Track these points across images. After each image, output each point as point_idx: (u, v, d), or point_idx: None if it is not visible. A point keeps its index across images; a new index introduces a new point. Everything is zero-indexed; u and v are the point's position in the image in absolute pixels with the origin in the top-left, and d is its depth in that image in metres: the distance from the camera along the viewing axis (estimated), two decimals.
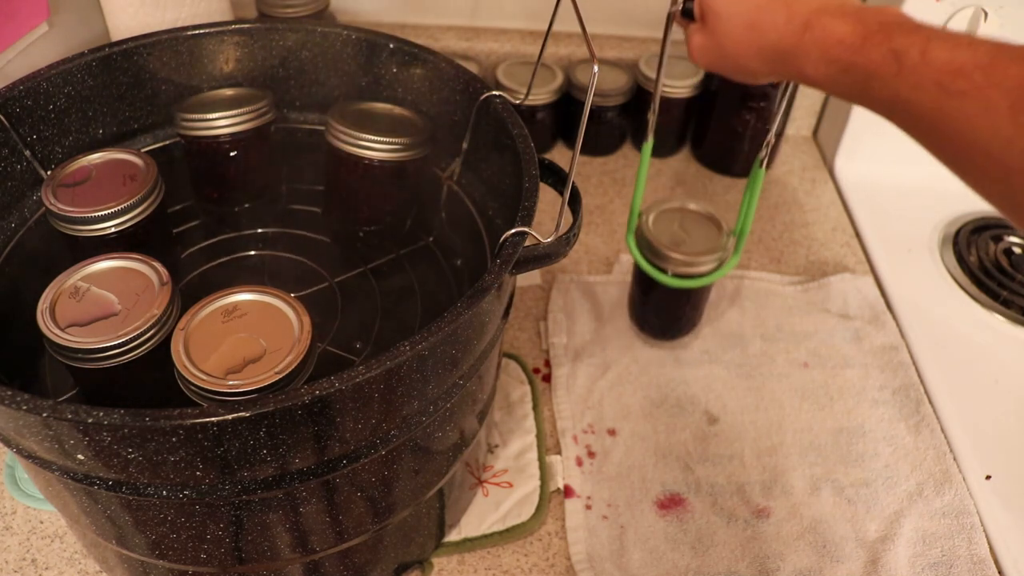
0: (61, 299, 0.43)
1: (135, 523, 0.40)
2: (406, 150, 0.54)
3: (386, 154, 0.54)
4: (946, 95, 0.33)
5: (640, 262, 0.61)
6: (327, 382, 0.34)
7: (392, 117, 0.57)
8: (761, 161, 0.57)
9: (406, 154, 0.54)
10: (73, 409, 0.32)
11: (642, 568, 0.54)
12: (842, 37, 0.38)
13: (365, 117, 0.56)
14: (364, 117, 0.56)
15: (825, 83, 0.40)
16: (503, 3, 0.93)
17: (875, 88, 0.37)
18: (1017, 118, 0.31)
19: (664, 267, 0.61)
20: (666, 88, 0.86)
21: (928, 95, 0.34)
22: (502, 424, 0.62)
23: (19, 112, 0.50)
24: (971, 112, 0.32)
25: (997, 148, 0.32)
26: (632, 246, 0.62)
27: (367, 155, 0.54)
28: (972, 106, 0.32)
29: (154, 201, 0.50)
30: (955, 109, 0.33)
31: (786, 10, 0.41)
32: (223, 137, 0.55)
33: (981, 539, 0.57)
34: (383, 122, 0.55)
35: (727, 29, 0.44)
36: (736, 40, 0.43)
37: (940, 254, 0.81)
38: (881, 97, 0.37)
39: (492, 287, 0.39)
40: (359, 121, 0.55)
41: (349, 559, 0.48)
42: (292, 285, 0.56)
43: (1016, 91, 0.31)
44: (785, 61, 0.42)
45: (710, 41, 0.45)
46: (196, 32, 0.57)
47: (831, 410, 0.65)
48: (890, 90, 0.36)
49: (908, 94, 0.35)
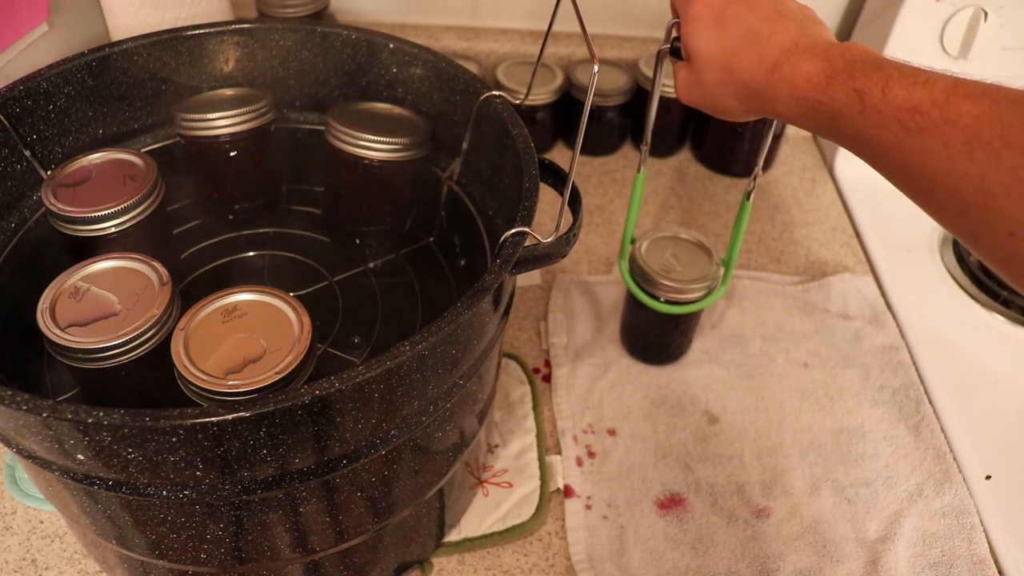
0: (61, 299, 0.43)
1: (135, 523, 0.41)
2: (406, 150, 0.54)
3: (386, 154, 0.54)
4: (906, 132, 0.34)
5: (632, 288, 0.62)
6: (327, 382, 0.34)
7: (392, 117, 0.57)
8: (748, 194, 0.58)
9: (406, 154, 0.54)
10: (73, 409, 0.32)
11: (642, 568, 0.54)
12: (809, 76, 0.39)
13: (365, 117, 0.56)
14: (364, 117, 0.56)
15: (797, 119, 0.41)
16: (503, 3, 0.93)
17: (841, 126, 0.38)
18: (973, 154, 0.32)
19: (656, 293, 0.62)
20: (666, 88, 0.86)
21: (890, 132, 0.35)
22: (502, 424, 0.62)
23: (19, 112, 0.50)
24: (930, 148, 0.33)
25: (955, 183, 0.33)
26: (624, 272, 0.63)
27: (367, 155, 0.54)
28: (931, 143, 0.33)
29: (154, 201, 0.50)
30: (915, 145, 0.34)
31: (758, 51, 0.42)
32: (223, 137, 0.55)
33: (981, 539, 0.57)
34: (383, 122, 0.55)
35: (706, 69, 0.45)
36: (714, 80, 0.45)
37: (940, 254, 0.81)
38: (847, 134, 0.38)
39: (492, 287, 0.39)
40: (359, 121, 0.55)
41: (349, 559, 0.48)
42: (292, 285, 0.56)
43: (971, 128, 0.32)
44: (759, 99, 0.43)
45: (693, 79, 0.46)
46: (196, 32, 0.57)
47: (831, 410, 0.65)
48: (855, 128, 0.37)
49: (872, 131, 0.36)
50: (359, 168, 0.55)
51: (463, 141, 0.55)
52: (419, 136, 0.54)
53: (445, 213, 0.58)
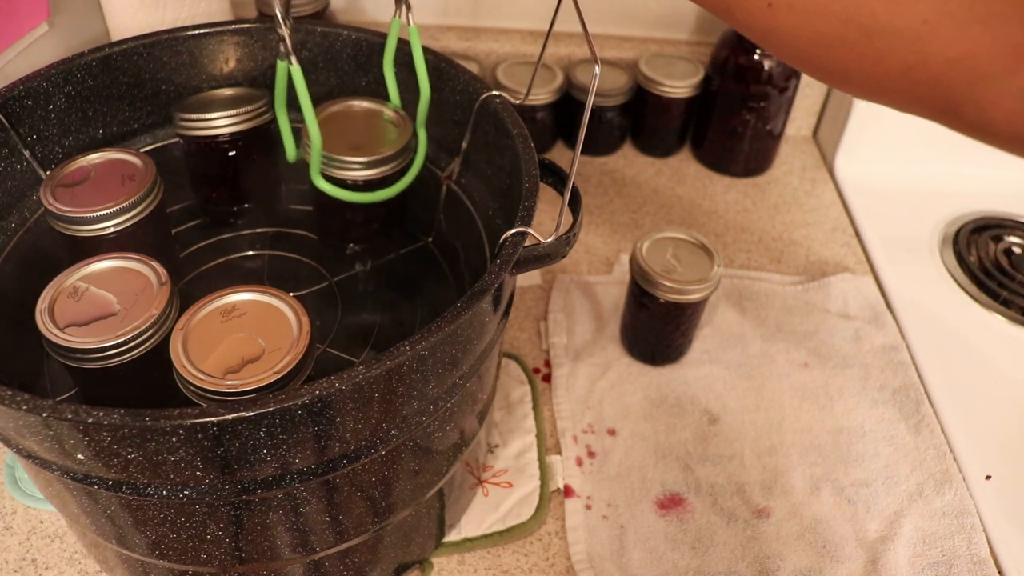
0: (60, 299, 0.43)
1: (135, 523, 0.40)
2: (387, 163, 0.53)
3: (367, 171, 0.53)
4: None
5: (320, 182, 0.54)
6: (327, 382, 0.34)
7: (370, 127, 0.55)
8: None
9: (387, 168, 0.53)
10: (73, 409, 0.32)
11: (642, 568, 0.54)
12: None
13: (345, 130, 0.55)
14: (344, 130, 0.55)
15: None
16: (503, 3, 0.93)
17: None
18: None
19: (655, 293, 0.62)
20: (666, 88, 0.87)
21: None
22: (502, 424, 0.62)
23: (19, 112, 0.50)
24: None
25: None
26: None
27: (350, 176, 0.53)
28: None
29: (153, 201, 0.50)
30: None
31: None
32: (222, 137, 0.55)
33: (981, 539, 0.57)
34: (362, 135, 0.54)
35: None
36: None
37: (940, 254, 0.81)
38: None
39: (492, 287, 0.39)
40: (338, 139, 0.53)
41: (349, 559, 0.48)
42: (291, 285, 0.56)
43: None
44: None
45: None
46: (196, 32, 0.57)
47: (831, 410, 0.65)
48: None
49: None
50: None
51: (463, 141, 0.55)
52: (399, 147, 0.53)
53: (445, 213, 0.58)
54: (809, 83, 0.92)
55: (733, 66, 0.83)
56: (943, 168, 0.89)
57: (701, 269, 0.63)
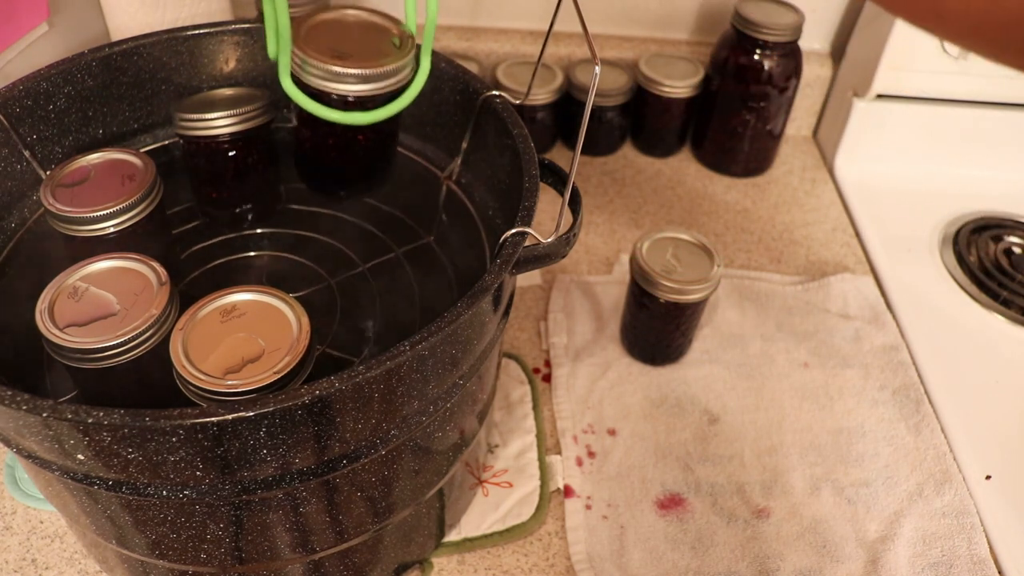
0: (60, 299, 0.43)
1: (135, 523, 0.40)
2: (378, 80, 0.48)
3: (352, 86, 0.48)
4: None
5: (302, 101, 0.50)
6: (327, 382, 0.34)
7: (367, 40, 0.50)
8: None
9: (378, 85, 0.48)
10: (73, 409, 0.32)
11: (642, 568, 0.54)
12: None
13: (338, 38, 0.50)
14: (337, 38, 0.50)
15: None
16: (503, 3, 0.93)
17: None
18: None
19: (655, 293, 0.62)
20: (666, 88, 0.87)
21: None
22: (502, 424, 0.62)
23: (19, 112, 0.50)
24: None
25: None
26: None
27: (329, 87, 0.48)
28: None
29: (153, 201, 0.50)
30: None
31: None
32: (222, 137, 0.55)
33: (981, 539, 0.57)
34: (355, 45, 0.50)
35: None
36: None
37: (940, 254, 0.81)
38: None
39: (492, 287, 0.39)
40: (325, 45, 0.48)
41: (349, 559, 0.48)
42: (291, 285, 0.56)
43: None
44: None
45: None
46: (196, 32, 0.57)
47: (831, 410, 0.65)
48: None
49: None
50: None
51: (463, 141, 0.55)
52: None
53: (445, 213, 0.58)
54: (809, 83, 0.92)
55: (733, 66, 0.83)
56: (943, 168, 0.89)
57: (701, 269, 0.63)
